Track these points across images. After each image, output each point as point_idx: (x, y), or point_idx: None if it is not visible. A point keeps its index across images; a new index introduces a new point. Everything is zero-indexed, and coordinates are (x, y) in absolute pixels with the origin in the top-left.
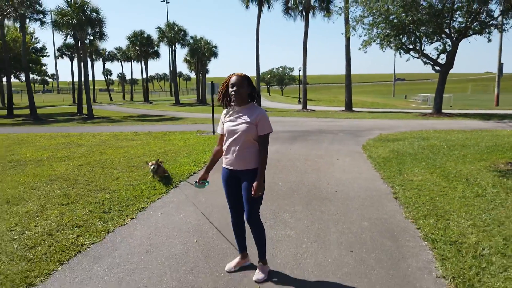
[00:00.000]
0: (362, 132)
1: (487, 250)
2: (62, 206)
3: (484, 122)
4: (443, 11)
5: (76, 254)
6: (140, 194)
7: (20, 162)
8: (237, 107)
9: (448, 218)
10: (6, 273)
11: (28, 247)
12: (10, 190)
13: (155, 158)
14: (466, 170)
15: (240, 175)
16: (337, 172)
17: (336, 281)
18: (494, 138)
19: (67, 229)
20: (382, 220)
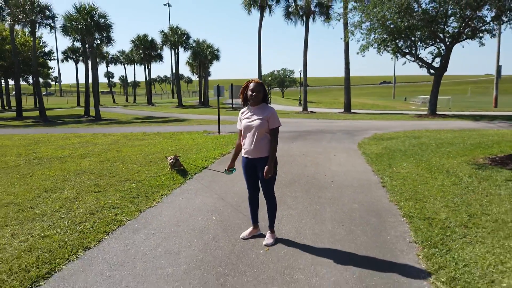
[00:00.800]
0: (359, 132)
1: (453, 223)
2: (95, 193)
3: (475, 123)
4: (437, 17)
5: (117, 227)
6: (161, 184)
7: (43, 159)
8: (252, 107)
9: (426, 201)
10: (65, 240)
11: (76, 223)
12: (44, 181)
13: (169, 155)
14: (448, 164)
15: (256, 162)
16: (334, 166)
17: (329, 246)
18: (480, 137)
19: (105, 210)
20: (369, 203)
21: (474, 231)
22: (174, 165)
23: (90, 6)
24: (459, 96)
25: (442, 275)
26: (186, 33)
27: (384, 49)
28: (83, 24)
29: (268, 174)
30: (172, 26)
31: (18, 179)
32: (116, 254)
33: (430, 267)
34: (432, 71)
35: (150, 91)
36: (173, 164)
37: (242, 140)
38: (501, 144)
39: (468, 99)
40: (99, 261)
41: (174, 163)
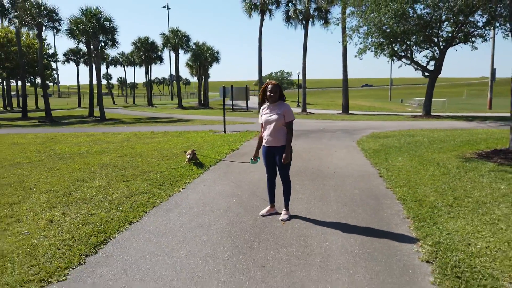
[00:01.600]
0: (357, 131)
1: (440, 204)
2: (124, 182)
3: (467, 123)
4: (431, 22)
5: (152, 208)
6: (182, 174)
7: (64, 155)
8: (271, 104)
9: (417, 187)
10: (111, 217)
11: (116, 204)
12: (73, 173)
13: (186, 150)
14: (439, 158)
15: (274, 150)
16: (335, 160)
17: (335, 221)
18: (470, 135)
19: (138, 195)
20: (368, 189)
21: (457, 209)
22: (192, 158)
23: (95, 10)
24: (454, 99)
25: (429, 240)
26: (186, 36)
27: (381, 52)
28: (89, 27)
29: (286, 160)
30: (173, 28)
31: (47, 171)
32: (157, 226)
33: (419, 235)
34: (426, 73)
35: (150, 93)
36: (191, 157)
37: (263, 132)
38: (488, 141)
39: (464, 101)
40: (144, 232)
41: (192, 156)
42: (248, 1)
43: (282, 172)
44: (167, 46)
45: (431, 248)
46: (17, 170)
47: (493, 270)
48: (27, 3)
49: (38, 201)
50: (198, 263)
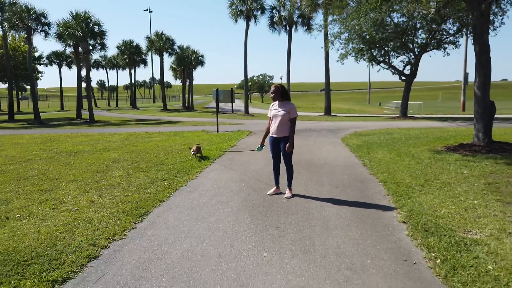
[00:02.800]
0: (341, 130)
1: (414, 184)
2: (142, 172)
3: (440, 123)
4: (407, 29)
5: (175, 191)
6: (192, 165)
7: (71, 153)
8: (280, 102)
9: (395, 173)
10: (142, 198)
11: (143, 188)
12: (89, 166)
13: (186, 147)
14: (413, 151)
15: (279, 140)
16: (324, 153)
17: (329, 197)
18: (441, 132)
19: (159, 181)
20: (355, 175)
21: (427, 188)
22: (197, 152)
23: (85, 14)
24: (430, 102)
25: (404, 209)
26: (171, 39)
27: (361, 57)
28: (79, 31)
29: (289, 149)
30: (157, 32)
31: (63, 166)
32: (184, 203)
33: (397, 205)
34: (403, 77)
35: (134, 96)
36: (196, 152)
37: (270, 125)
38: (456, 137)
39: (439, 104)
40: (175, 207)
41: (197, 151)
42: (234, 8)
43: (285, 158)
44: (152, 49)
45: (406, 213)
46: (33, 165)
47: (452, 226)
48: (14, 7)
49: (69, 188)
50: (226, 226)
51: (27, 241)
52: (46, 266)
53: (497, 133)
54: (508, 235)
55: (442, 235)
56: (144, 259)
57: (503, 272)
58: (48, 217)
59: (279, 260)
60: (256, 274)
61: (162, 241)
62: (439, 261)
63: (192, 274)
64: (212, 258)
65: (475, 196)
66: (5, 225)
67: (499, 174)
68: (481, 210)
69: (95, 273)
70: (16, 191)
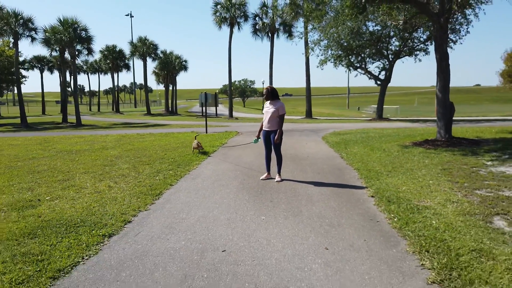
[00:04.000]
0: (321, 130)
1: (382, 170)
2: (147, 164)
3: (411, 124)
4: (381, 37)
5: (180, 178)
6: (190, 159)
7: (70, 152)
8: (271, 101)
9: (368, 163)
10: (154, 183)
11: (152, 176)
12: (95, 161)
13: (177, 146)
14: (385, 146)
15: (270, 132)
16: (307, 149)
17: (312, 181)
18: (410, 131)
19: (164, 171)
20: (334, 165)
21: (393, 173)
22: (198, 146)
23: (72, 20)
24: (407, 106)
25: (373, 187)
26: (154, 44)
27: (339, 63)
28: (66, 36)
29: (277, 141)
30: (141, 37)
31: (70, 161)
32: (191, 186)
33: (367, 185)
34: (378, 82)
35: (117, 100)
36: (196, 147)
37: (263, 120)
38: (423, 135)
39: (415, 108)
40: (184, 189)
41: (197, 146)
42: (218, 15)
43: (275, 148)
44: (135, 54)
45: (374, 190)
46: (39, 162)
47: (409, 198)
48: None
49: (84, 178)
50: (229, 201)
51: (68, 213)
52: (92, 227)
53: (460, 131)
54: (451, 203)
55: (401, 204)
56: (168, 222)
57: (442, 224)
58: (77, 198)
59: (275, 221)
60: (258, 229)
61: (179, 211)
62: (396, 219)
63: (208, 230)
64: (222, 220)
65: (431, 178)
66: (41, 204)
67: (453, 162)
68: (434, 187)
69: (132, 231)
70: (35, 181)
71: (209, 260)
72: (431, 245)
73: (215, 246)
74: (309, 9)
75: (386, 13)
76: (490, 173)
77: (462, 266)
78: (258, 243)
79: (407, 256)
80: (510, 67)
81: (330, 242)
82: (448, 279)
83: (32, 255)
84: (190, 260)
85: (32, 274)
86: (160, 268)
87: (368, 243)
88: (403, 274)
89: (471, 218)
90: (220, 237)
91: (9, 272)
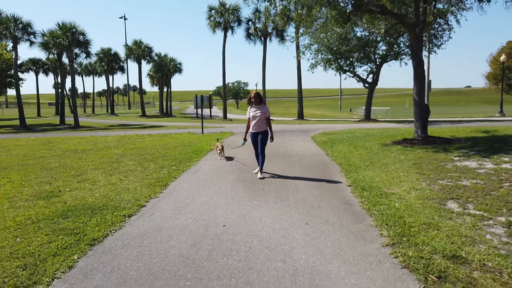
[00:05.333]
0: (311, 131)
1: (361, 165)
2: (151, 161)
3: (396, 124)
4: (368, 42)
5: (183, 172)
6: (190, 157)
7: (75, 151)
8: (255, 106)
9: (349, 159)
10: (159, 177)
11: (157, 171)
12: (102, 159)
13: (176, 146)
14: (367, 144)
15: (258, 134)
16: (296, 147)
17: (300, 175)
18: (393, 131)
19: (167, 167)
20: (319, 161)
21: (370, 167)
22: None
23: (71, 24)
24: (398, 107)
25: (351, 179)
26: (149, 47)
27: (329, 67)
28: (65, 41)
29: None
30: (136, 40)
31: (78, 159)
32: (193, 179)
33: (347, 177)
34: (366, 85)
35: (112, 102)
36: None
37: (250, 123)
38: (404, 134)
39: (406, 109)
40: (186, 181)
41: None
42: (212, 19)
43: (261, 148)
44: (131, 57)
45: (352, 181)
46: (49, 160)
47: (380, 186)
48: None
49: (95, 173)
50: (227, 190)
51: (90, 200)
52: (114, 210)
53: (438, 131)
54: (414, 190)
55: (372, 191)
56: (176, 206)
57: (403, 206)
58: (93, 189)
59: (265, 204)
60: (252, 211)
61: (185, 197)
62: (366, 202)
63: (210, 212)
64: (222, 205)
65: (402, 171)
66: (62, 194)
67: (424, 158)
68: (403, 178)
69: (147, 213)
70: (50, 176)
71: (212, 232)
72: (391, 221)
73: (217, 222)
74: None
75: (369, 22)
76: (455, 167)
77: (411, 234)
78: (252, 220)
79: (371, 228)
80: (495, 70)
81: (310, 219)
82: (398, 243)
83: (69, 230)
84: (197, 232)
85: (72, 242)
86: (174, 238)
87: (341, 219)
88: (365, 240)
89: (428, 202)
90: (221, 216)
91: (53, 241)
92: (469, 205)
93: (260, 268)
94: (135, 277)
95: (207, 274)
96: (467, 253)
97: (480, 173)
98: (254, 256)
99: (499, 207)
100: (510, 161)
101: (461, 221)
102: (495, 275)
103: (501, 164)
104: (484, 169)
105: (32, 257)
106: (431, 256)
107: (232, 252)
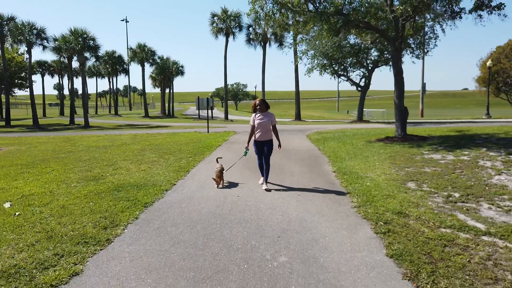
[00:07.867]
0: (307, 130)
1: (346, 157)
2: (170, 155)
3: (385, 125)
4: (361, 49)
5: (199, 162)
6: (203, 150)
7: (97, 147)
8: (261, 113)
9: (337, 153)
10: (181, 165)
11: (178, 161)
12: (125, 153)
13: (187, 142)
14: (354, 142)
15: (264, 143)
16: (293, 144)
17: (296, 164)
18: (380, 131)
19: (185, 158)
20: (312, 155)
21: (354, 159)
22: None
23: (82, 30)
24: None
25: (336, 167)
26: (152, 50)
27: (324, 71)
28: (77, 45)
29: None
30: (140, 43)
31: (105, 153)
32: (208, 166)
33: (333, 165)
34: (359, 88)
35: (116, 103)
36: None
37: (255, 131)
38: (388, 133)
39: None
40: (203, 168)
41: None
42: (215, 25)
43: (266, 158)
44: (135, 60)
45: (336, 168)
46: (79, 154)
47: (358, 172)
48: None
49: (125, 163)
50: (237, 174)
51: (131, 181)
52: (153, 186)
53: (418, 131)
54: (384, 175)
55: (352, 175)
56: (199, 184)
57: (373, 185)
58: (130, 174)
59: (268, 184)
60: (258, 188)
61: (205, 179)
62: (345, 183)
63: (226, 188)
64: (234, 181)
65: (378, 161)
66: (106, 178)
67: (399, 152)
68: (378, 166)
69: (178, 189)
70: (87, 166)
71: (230, 199)
72: (361, 193)
73: (232, 194)
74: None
75: (357, 34)
76: (422, 158)
77: (374, 201)
78: (258, 193)
79: (345, 197)
80: (485, 74)
81: (301, 193)
82: (363, 205)
83: (125, 198)
84: (219, 200)
85: (131, 205)
86: (202, 203)
87: (325, 193)
88: (340, 204)
89: (393, 182)
90: (234, 191)
91: (117, 204)
92: (423, 185)
93: (266, 218)
94: (182, 223)
95: (230, 221)
96: (410, 211)
97: (441, 163)
98: (261, 212)
99: (446, 185)
100: (468, 154)
101: (414, 194)
102: (424, 222)
103: (460, 156)
104: (445, 160)
105: (107, 212)
106: (384, 212)
107: (245, 210)
